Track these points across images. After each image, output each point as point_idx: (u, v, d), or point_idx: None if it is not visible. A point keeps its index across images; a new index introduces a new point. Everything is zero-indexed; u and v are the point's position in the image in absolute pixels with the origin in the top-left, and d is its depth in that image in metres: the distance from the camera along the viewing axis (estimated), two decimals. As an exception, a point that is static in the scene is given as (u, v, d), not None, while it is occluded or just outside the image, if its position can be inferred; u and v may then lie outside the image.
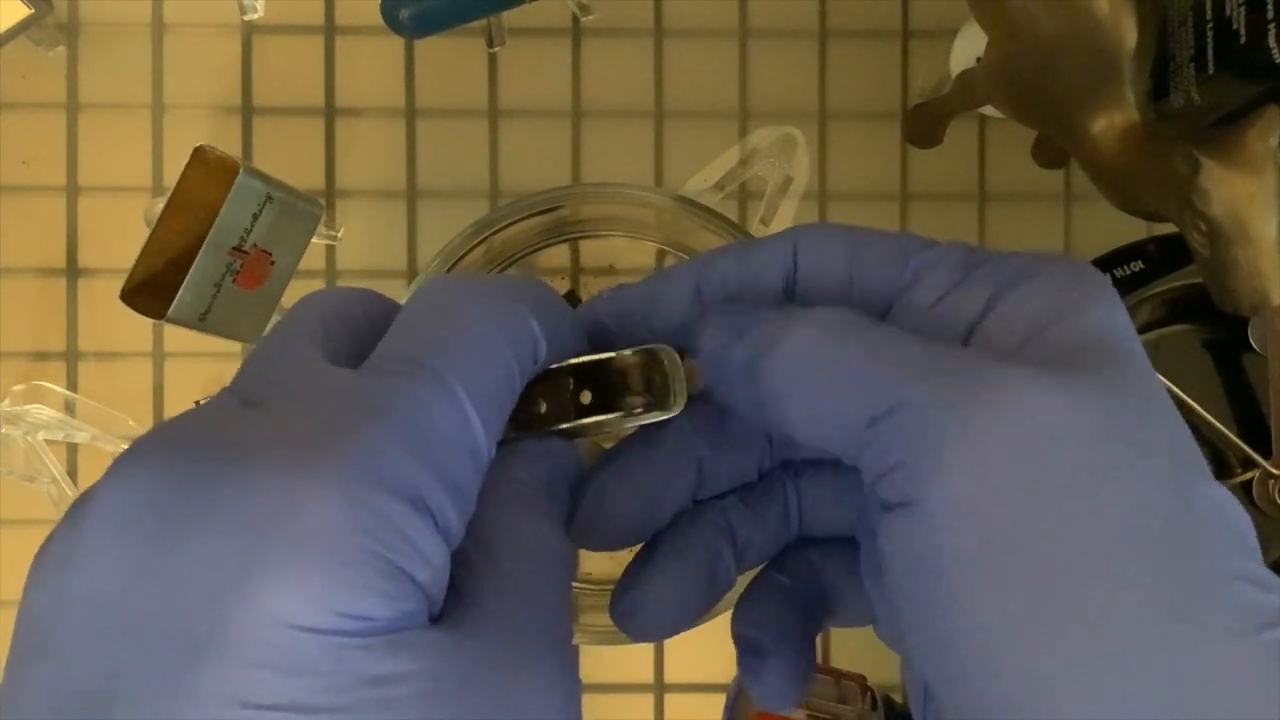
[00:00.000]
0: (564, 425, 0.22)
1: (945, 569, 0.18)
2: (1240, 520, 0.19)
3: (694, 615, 0.24)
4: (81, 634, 0.17)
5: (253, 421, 0.18)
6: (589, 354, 0.23)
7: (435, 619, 0.18)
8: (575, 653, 0.20)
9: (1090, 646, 0.17)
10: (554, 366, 0.22)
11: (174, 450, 0.18)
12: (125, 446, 0.47)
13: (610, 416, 0.22)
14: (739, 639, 0.24)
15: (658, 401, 0.22)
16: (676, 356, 0.23)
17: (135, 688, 0.16)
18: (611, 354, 0.23)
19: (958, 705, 0.19)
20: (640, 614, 0.23)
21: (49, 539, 0.18)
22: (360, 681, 0.16)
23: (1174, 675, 0.17)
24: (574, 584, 0.46)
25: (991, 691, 0.18)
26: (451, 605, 0.19)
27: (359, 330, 0.21)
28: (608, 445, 0.24)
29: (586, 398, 0.22)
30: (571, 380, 0.22)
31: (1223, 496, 0.19)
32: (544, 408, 0.22)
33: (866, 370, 0.20)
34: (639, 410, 0.22)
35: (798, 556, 0.25)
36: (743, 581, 0.25)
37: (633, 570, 0.24)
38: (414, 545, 0.17)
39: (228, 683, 0.16)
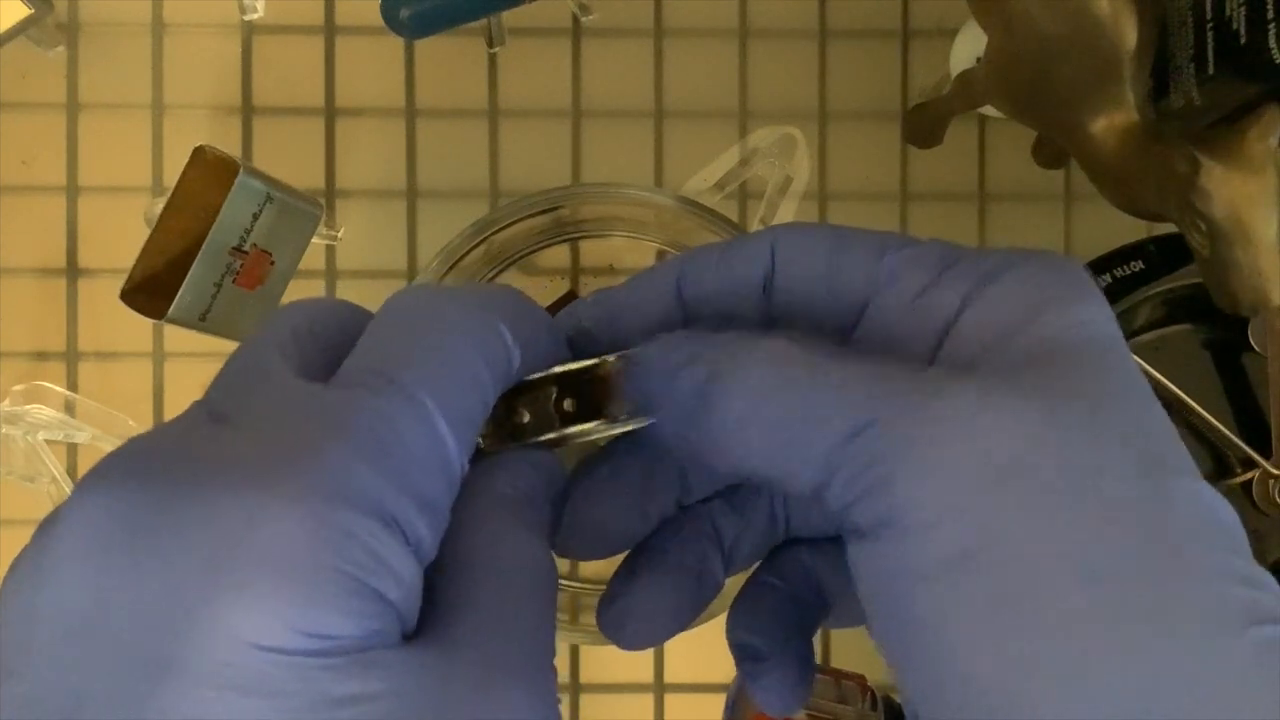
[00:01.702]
0: (547, 436, 0.22)
1: (917, 587, 0.18)
2: (1226, 516, 0.19)
3: (683, 622, 0.24)
4: (48, 655, 0.16)
5: (219, 437, 0.18)
6: (571, 361, 0.22)
7: (410, 637, 0.18)
8: (554, 671, 0.19)
9: (1063, 653, 0.17)
10: (535, 376, 0.22)
11: (139, 468, 0.17)
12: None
13: (593, 425, 0.22)
14: (736, 646, 0.24)
15: (641, 407, 0.22)
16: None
17: (100, 709, 0.16)
18: (593, 361, 0.22)
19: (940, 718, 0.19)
20: (628, 624, 0.23)
21: (19, 557, 0.18)
22: (327, 702, 0.16)
23: (1153, 676, 0.17)
24: (574, 584, 0.46)
25: (970, 705, 0.18)
26: (426, 622, 0.18)
27: (332, 341, 0.20)
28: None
29: (569, 406, 0.22)
30: (554, 389, 0.22)
31: (1206, 493, 0.19)
32: (526, 418, 0.22)
33: (823, 399, 0.20)
34: (623, 417, 0.22)
35: (789, 558, 0.25)
36: (735, 583, 0.25)
37: (619, 579, 0.24)
38: (383, 562, 0.17)
39: (191, 704, 0.16)
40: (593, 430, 0.22)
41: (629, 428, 0.22)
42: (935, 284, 0.21)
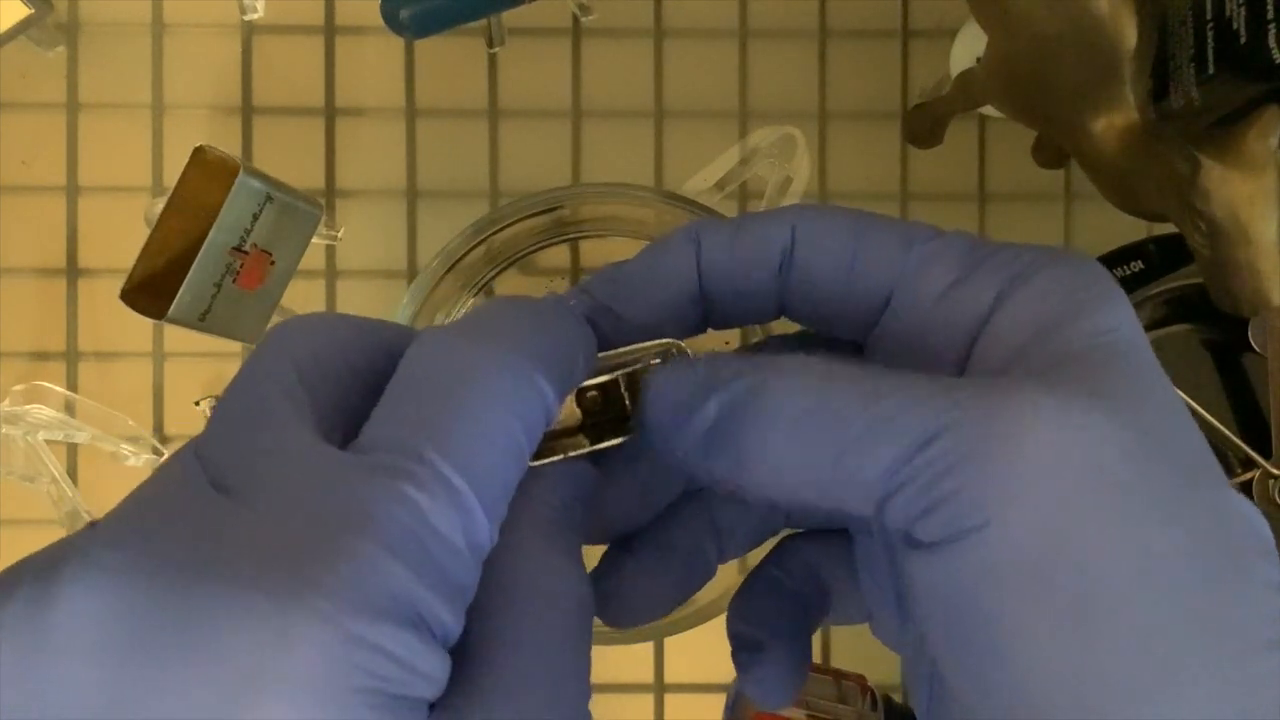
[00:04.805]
0: (578, 452, 0.21)
1: (988, 599, 0.18)
2: (1264, 527, 0.19)
3: (670, 605, 0.23)
4: None
5: (231, 523, 0.17)
6: (602, 357, 0.22)
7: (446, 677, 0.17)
8: (589, 717, 0.19)
9: (1138, 668, 0.17)
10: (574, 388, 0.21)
11: (145, 558, 0.16)
12: (125, 447, 0.47)
13: (628, 438, 0.21)
14: (734, 636, 0.24)
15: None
16: (689, 352, 0.22)
17: None
18: (624, 369, 0.22)
19: None
20: (616, 604, 0.23)
21: (3, 638, 0.16)
22: None
23: (1221, 691, 0.17)
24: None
25: (1041, 717, 0.17)
26: (459, 668, 0.18)
27: (344, 383, 0.19)
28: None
29: (598, 404, 0.22)
30: (585, 393, 0.22)
31: (1245, 504, 0.19)
32: (556, 424, 0.21)
33: (882, 411, 0.18)
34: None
35: (794, 552, 0.25)
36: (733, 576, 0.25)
37: (611, 558, 0.23)
38: (413, 670, 0.16)
39: None
40: (627, 439, 0.22)
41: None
42: (965, 280, 0.21)
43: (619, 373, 0.22)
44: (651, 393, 0.21)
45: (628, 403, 0.22)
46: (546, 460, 0.21)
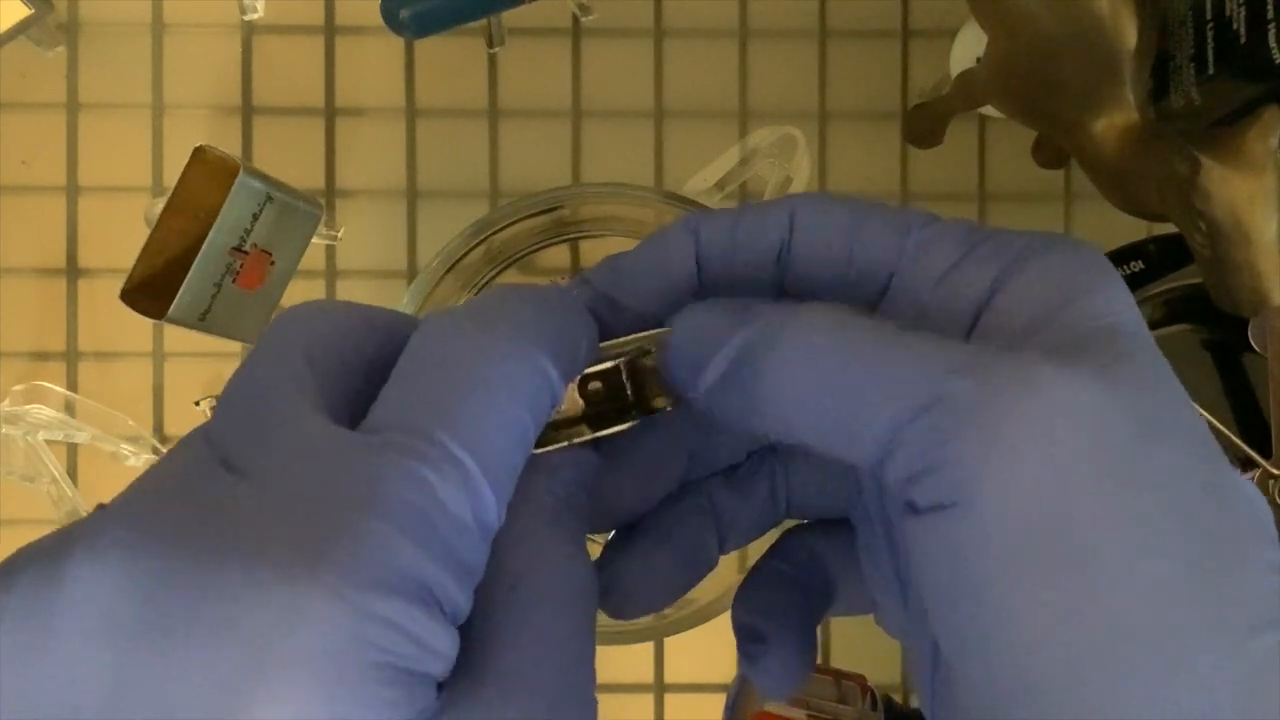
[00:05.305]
0: (581, 439, 0.21)
1: (980, 571, 0.18)
2: (1264, 507, 0.18)
3: (672, 597, 0.23)
4: None
5: (241, 501, 0.17)
6: (602, 347, 0.22)
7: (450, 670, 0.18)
8: (595, 701, 0.19)
9: (1139, 642, 0.17)
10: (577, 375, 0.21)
11: (154, 535, 0.16)
12: (125, 447, 0.47)
13: (629, 425, 0.22)
14: (739, 626, 0.24)
15: (677, 381, 0.22)
16: None
17: None
18: (626, 357, 0.22)
19: (994, 705, 0.18)
20: (617, 593, 0.23)
21: (9, 620, 0.16)
22: None
23: (1219, 665, 0.17)
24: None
25: (1030, 702, 0.17)
26: (463, 656, 0.18)
27: (350, 368, 0.19)
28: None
29: (600, 393, 0.22)
30: (588, 382, 0.22)
31: (1246, 483, 0.19)
32: (559, 413, 0.21)
33: (889, 368, 0.19)
34: (667, 409, 0.22)
35: (798, 543, 0.25)
36: (735, 566, 0.25)
37: (612, 548, 0.23)
38: (424, 645, 0.16)
39: None
40: (628, 426, 0.22)
41: (655, 417, 0.22)
42: (963, 263, 0.21)
43: (621, 360, 0.22)
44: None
45: (629, 391, 0.22)
46: (551, 448, 0.21)
